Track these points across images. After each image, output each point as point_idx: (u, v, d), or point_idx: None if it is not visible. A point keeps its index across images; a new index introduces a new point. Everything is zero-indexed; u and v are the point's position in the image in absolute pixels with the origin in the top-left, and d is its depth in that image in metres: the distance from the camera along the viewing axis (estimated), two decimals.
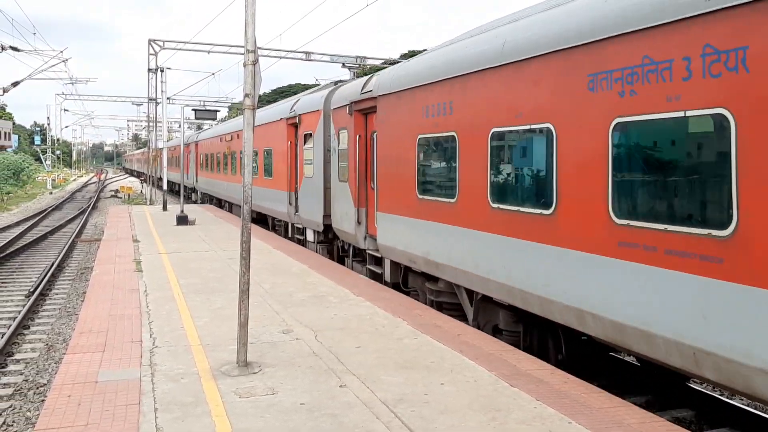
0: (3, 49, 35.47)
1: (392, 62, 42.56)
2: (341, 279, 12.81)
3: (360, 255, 15.03)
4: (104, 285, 12.21)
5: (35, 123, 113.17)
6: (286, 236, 20.78)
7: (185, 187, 37.50)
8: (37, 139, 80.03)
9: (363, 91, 13.40)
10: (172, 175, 45.86)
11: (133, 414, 6.01)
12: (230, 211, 31.11)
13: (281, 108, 21.47)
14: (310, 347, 8.14)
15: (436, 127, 10.25)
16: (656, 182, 6.25)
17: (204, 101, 62.67)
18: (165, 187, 32.48)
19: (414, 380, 6.92)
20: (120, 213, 29.49)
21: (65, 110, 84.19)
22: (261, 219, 24.33)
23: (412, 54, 55.63)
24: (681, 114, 5.85)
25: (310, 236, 18.02)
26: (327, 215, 16.23)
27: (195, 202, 41.30)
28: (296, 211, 19.14)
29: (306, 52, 39.82)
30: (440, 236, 10.14)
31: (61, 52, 41.16)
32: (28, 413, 8.53)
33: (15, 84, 38.26)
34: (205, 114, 38.10)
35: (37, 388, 9.44)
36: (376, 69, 42.31)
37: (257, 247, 16.64)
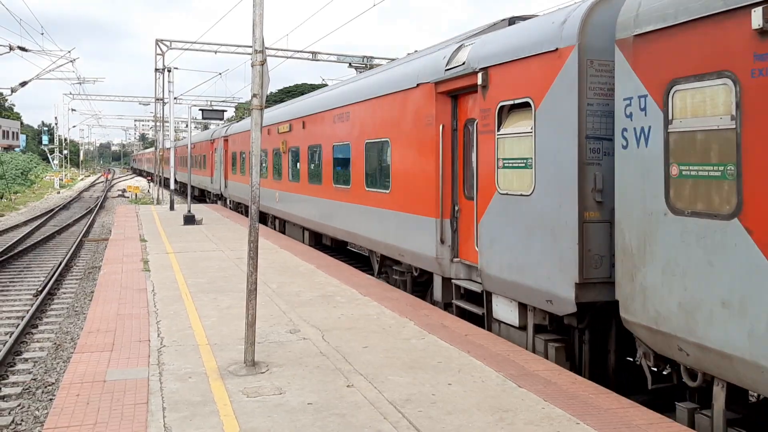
0: (11, 49, 35.62)
1: None
2: (348, 279, 12.81)
3: None
4: (112, 284, 12.24)
5: (43, 123, 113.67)
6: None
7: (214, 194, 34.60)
8: (45, 139, 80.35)
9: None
10: (196, 178, 40.50)
11: (141, 413, 6.02)
12: (283, 231, 22.44)
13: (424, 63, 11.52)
14: (318, 347, 8.14)
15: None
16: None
17: (211, 101, 62.88)
18: (172, 186, 32.54)
19: (421, 380, 6.92)
20: (127, 213, 29.58)
21: (73, 110, 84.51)
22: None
23: None
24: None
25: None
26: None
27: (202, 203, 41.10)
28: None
29: (312, 52, 39.90)
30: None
31: (69, 52, 41.37)
32: (36, 412, 8.56)
33: (23, 84, 38.43)
34: (212, 114, 38.18)
35: (45, 387, 9.47)
36: None
37: (264, 246, 16.66)
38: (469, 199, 10.11)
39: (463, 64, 9.82)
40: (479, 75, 9.26)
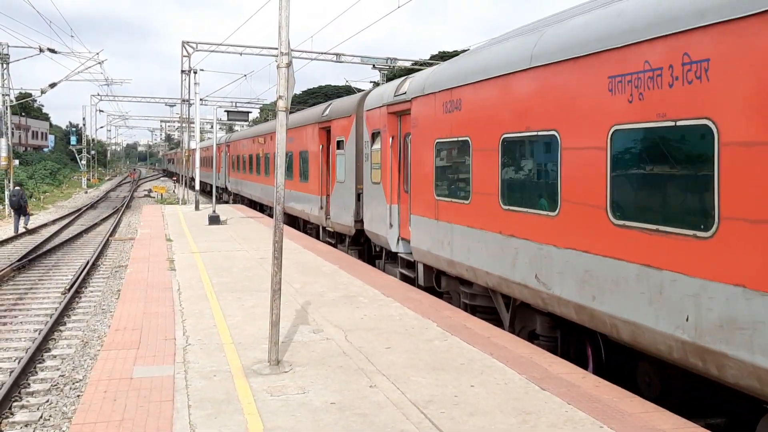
0: (41, 51, 36.23)
1: (422, 63, 42.54)
2: (371, 279, 12.86)
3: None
4: (138, 283, 12.40)
5: (70, 123, 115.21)
6: None
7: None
8: (73, 140, 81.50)
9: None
10: (246, 186, 34.91)
11: (167, 410, 6.11)
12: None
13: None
14: (341, 347, 8.19)
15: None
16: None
17: (236, 102, 63.34)
18: (197, 186, 32.86)
19: (444, 382, 6.93)
20: (153, 212, 29.92)
21: (100, 111, 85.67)
22: None
23: (442, 55, 55.52)
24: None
25: None
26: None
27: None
28: None
29: (337, 54, 40.03)
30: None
31: (97, 54, 41.99)
32: (64, 408, 8.70)
33: (52, 85, 39.05)
34: (237, 115, 38.48)
35: (73, 383, 9.62)
36: (407, 71, 42.32)
37: (288, 247, 16.76)
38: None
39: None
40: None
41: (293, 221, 24.31)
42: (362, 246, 17.04)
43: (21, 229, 27.44)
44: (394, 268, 14.28)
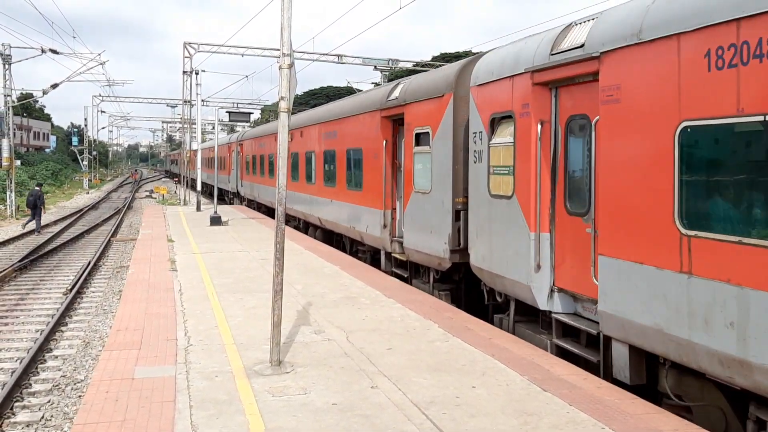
0: (43, 51, 36.27)
1: (424, 65, 42.55)
2: (372, 281, 12.85)
3: None
4: (140, 284, 12.41)
5: (72, 124, 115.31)
6: None
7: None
8: (75, 140, 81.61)
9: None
10: (266, 192, 30.05)
11: (168, 410, 6.11)
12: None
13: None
14: (342, 348, 8.19)
15: None
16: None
17: (237, 103, 63.40)
18: (199, 187, 32.86)
19: (445, 383, 6.92)
20: (155, 213, 29.94)
21: (102, 112, 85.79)
22: None
23: (444, 56, 55.50)
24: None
25: None
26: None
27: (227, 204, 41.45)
28: None
29: (338, 55, 40.06)
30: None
31: (99, 54, 41.99)
32: (66, 408, 8.70)
33: (54, 86, 39.08)
34: (238, 116, 38.52)
35: (75, 383, 9.62)
36: (408, 72, 42.33)
37: (289, 248, 16.76)
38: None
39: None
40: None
41: (333, 238, 19.86)
42: (457, 285, 12.03)
43: (30, 227, 28.01)
44: (536, 335, 9.02)
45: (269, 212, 29.22)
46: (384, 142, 14.49)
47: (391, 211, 14.51)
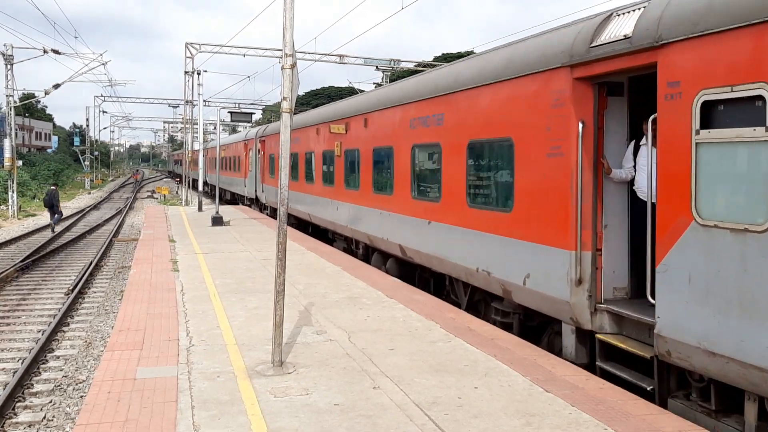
0: (45, 52, 36.30)
1: (426, 65, 42.55)
2: (374, 281, 12.85)
3: None
4: (142, 284, 12.41)
5: (74, 124, 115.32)
6: None
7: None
8: (76, 141, 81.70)
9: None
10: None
11: (170, 411, 6.11)
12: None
13: None
14: (344, 348, 8.18)
15: None
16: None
17: (239, 103, 63.41)
18: (200, 188, 32.89)
19: (447, 384, 6.92)
20: (156, 213, 29.95)
21: (104, 112, 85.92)
22: None
23: (446, 57, 55.51)
24: None
25: None
26: None
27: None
28: None
29: (340, 55, 40.06)
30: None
31: (101, 54, 42.00)
32: (68, 409, 8.71)
33: (56, 86, 39.12)
34: (240, 116, 38.54)
35: (77, 384, 9.63)
36: (410, 72, 42.34)
37: (291, 248, 16.75)
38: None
39: None
40: None
41: (416, 274, 13.86)
42: None
43: (56, 227, 28.21)
44: None
45: (320, 233, 21.57)
46: (580, 125, 7.83)
47: (592, 254, 7.96)
